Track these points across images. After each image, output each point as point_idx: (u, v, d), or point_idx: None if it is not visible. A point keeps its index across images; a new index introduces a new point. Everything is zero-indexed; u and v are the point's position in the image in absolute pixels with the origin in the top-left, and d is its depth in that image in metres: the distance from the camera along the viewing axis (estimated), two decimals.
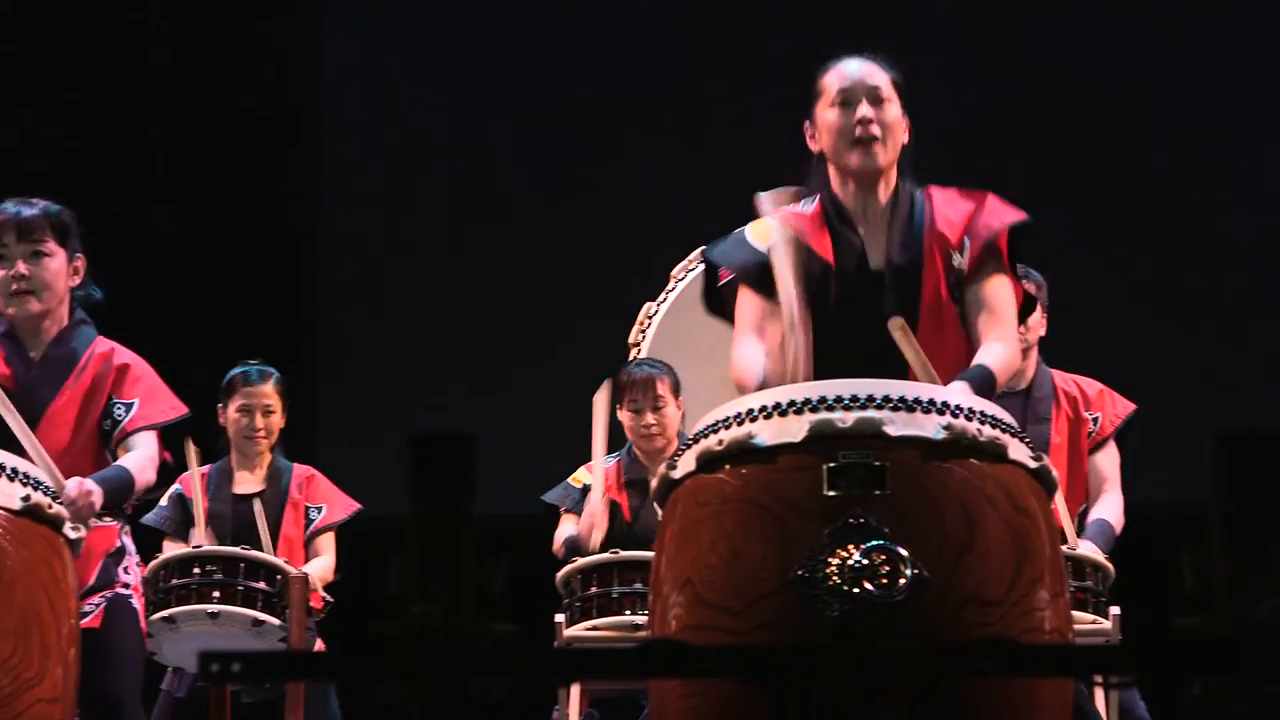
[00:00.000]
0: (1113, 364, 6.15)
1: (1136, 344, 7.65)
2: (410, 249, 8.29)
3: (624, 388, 5.87)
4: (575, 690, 5.48)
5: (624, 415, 5.88)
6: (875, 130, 4.11)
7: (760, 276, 4.12)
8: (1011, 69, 8.15)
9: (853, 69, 4.17)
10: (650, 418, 5.84)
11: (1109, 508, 5.56)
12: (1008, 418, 3.65)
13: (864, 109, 4.11)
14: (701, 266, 5.79)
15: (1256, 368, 7.76)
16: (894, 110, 4.14)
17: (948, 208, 4.15)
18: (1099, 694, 5.26)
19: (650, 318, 5.91)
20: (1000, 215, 4.13)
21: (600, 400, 5.81)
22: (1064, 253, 7.17)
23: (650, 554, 3.78)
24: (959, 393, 3.67)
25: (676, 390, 5.83)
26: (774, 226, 4.15)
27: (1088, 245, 7.83)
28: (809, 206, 4.19)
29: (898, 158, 4.16)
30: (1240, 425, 2.21)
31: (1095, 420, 5.62)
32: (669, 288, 5.86)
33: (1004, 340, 4.04)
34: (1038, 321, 5.63)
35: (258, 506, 6.03)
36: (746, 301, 4.17)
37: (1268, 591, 2.12)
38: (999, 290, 4.11)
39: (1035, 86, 8.08)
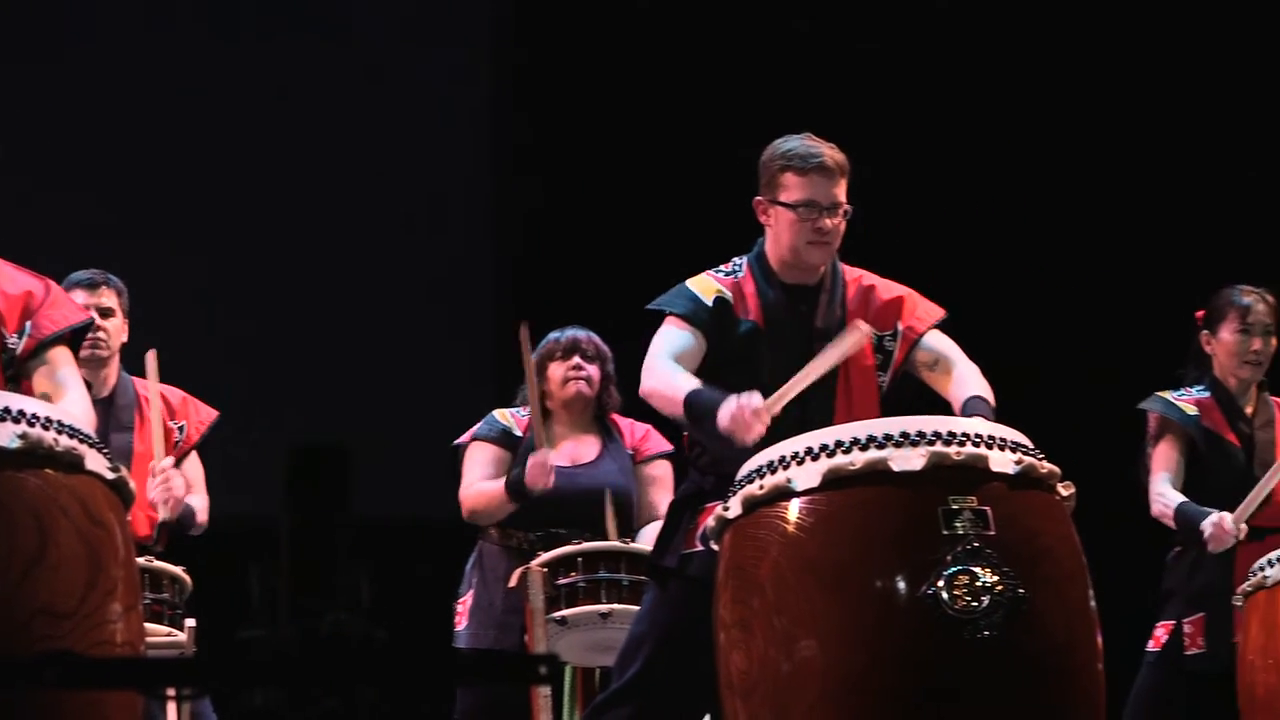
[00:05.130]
0: (194, 372, 6.15)
1: (217, 352, 7.68)
2: None
3: None
4: None
5: None
6: None
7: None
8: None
9: None
10: None
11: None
12: (87, 429, 3.61)
13: None
14: None
15: (332, 382, 7.92)
16: None
17: None
18: (171, 707, 5.26)
19: None
20: (66, 314, 4.07)
21: None
22: (148, 256, 7.15)
23: None
24: None
25: None
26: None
27: (170, 249, 7.81)
28: None
29: None
30: (310, 439, 2.25)
31: (181, 429, 5.61)
32: None
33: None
34: (119, 328, 5.58)
35: None
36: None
37: (330, 604, 2.17)
38: (60, 359, 4.05)
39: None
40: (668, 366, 4.50)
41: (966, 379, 4.56)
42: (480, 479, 5.86)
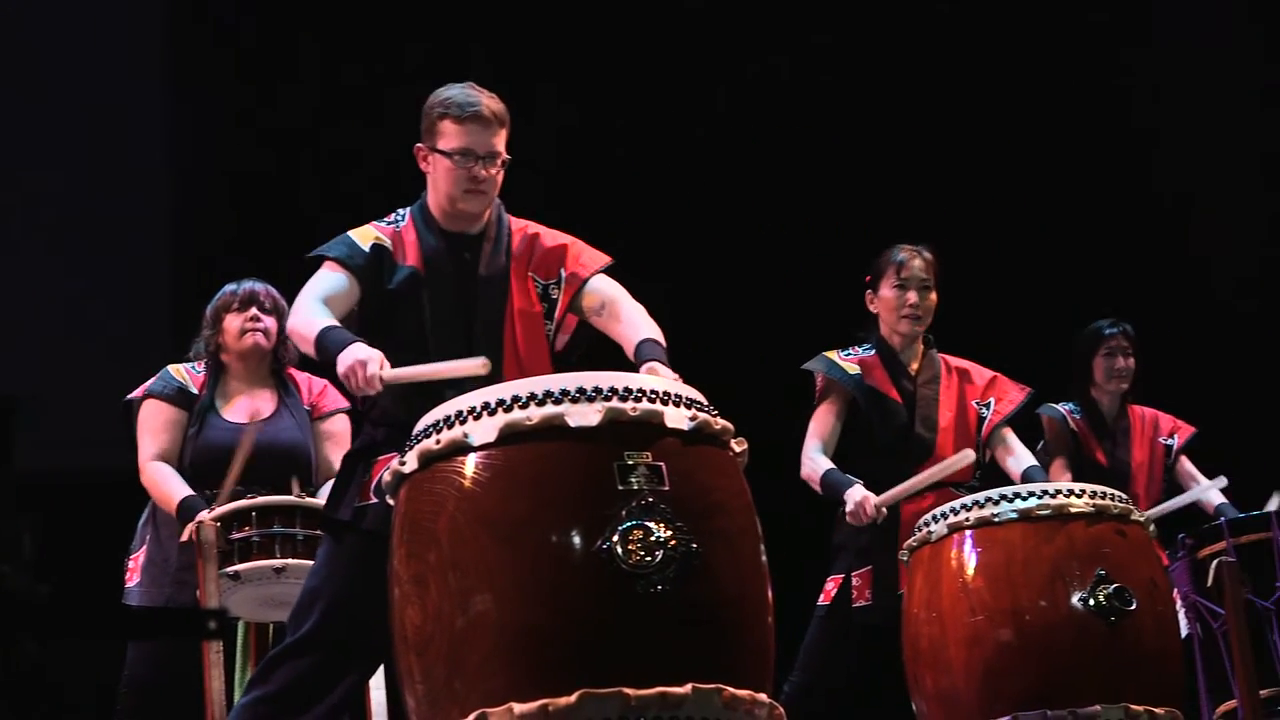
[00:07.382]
0: None
1: None
2: None
3: None
4: None
5: None
6: None
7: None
8: None
9: None
10: None
11: None
12: None
13: None
14: None
15: None
16: None
17: None
18: None
19: None
20: None
21: None
22: None
23: None
24: None
25: None
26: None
27: None
28: None
29: None
30: None
31: None
32: None
33: None
34: None
35: None
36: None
37: None
38: None
39: None
40: (311, 306, 4.52)
41: (636, 321, 4.58)
42: (158, 447, 5.77)
